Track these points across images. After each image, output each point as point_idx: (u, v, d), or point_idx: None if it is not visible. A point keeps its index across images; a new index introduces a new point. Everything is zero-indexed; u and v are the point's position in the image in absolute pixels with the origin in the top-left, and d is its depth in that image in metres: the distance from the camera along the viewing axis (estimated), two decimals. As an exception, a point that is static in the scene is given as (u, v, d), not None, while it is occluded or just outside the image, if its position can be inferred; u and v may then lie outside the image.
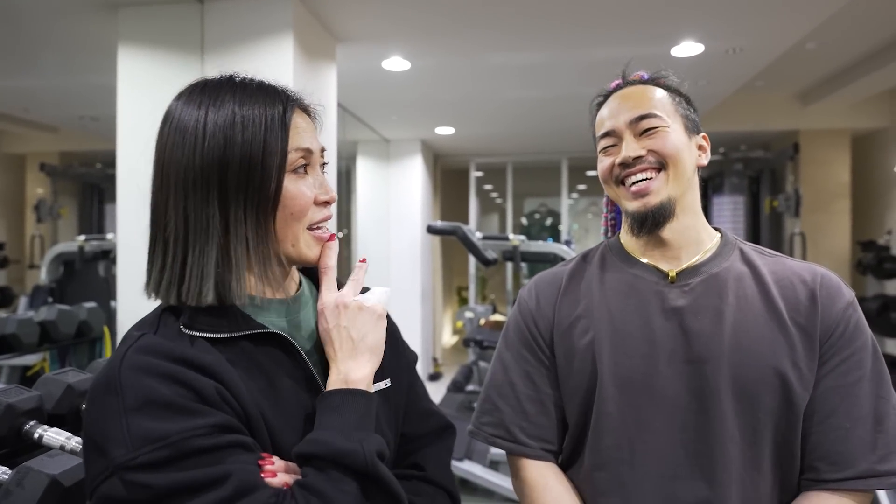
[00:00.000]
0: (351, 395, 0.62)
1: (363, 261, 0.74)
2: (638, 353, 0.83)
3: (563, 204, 7.04)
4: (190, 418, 0.56)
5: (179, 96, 0.68)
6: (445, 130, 5.42)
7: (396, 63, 3.38)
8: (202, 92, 0.66)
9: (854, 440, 0.77)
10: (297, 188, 0.65)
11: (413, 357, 0.83)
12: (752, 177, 6.15)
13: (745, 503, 0.78)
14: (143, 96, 2.50)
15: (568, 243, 6.42)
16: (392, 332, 0.79)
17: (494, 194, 9.38)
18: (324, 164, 0.72)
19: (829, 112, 5.08)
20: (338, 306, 0.66)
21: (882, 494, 2.30)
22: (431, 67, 3.55)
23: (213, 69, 2.64)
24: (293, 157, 0.65)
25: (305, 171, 0.67)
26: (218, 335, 0.63)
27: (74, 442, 1.01)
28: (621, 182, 0.87)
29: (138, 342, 0.61)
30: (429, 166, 6.33)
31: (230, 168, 0.62)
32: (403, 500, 0.60)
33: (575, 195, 9.38)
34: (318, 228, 0.69)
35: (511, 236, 3.92)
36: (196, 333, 0.63)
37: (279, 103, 0.66)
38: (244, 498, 0.54)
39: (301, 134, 0.67)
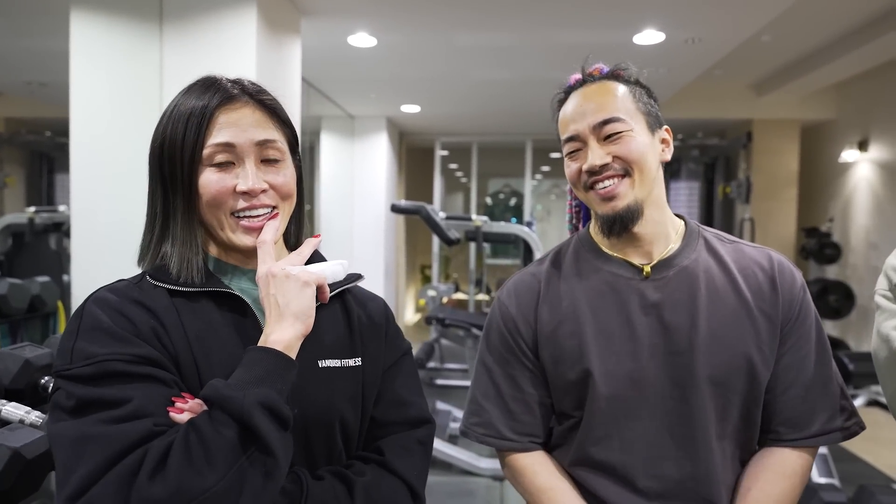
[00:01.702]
0: (263, 353, 0.65)
1: (317, 236, 0.78)
2: (624, 349, 0.88)
3: (527, 185, 7.13)
4: (120, 345, 0.64)
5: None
6: (411, 108, 5.40)
7: (363, 39, 3.34)
8: (180, 91, 0.75)
9: (808, 405, 0.89)
10: (206, 179, 0.71)
11: (404, 347, 0.84)
12: (708, 163, 6.36)
13: (720, 469, 0.88)
14: (97, 64, 2.41)
15: (529, 224, 6.53)
16: (382, 317, 0.83)
17: (459, 173, 9.41)
18: (274, 160, 0.74)
19: (781, 103, 5.28)
20: (267, 276, 0.69)
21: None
22: (398, 45, 3.52)
23: (172, 39, 2.55)
24: (207, 151, 0.70)
25: (231, 165, 0.72)
26: (178, 287, 0.71)
27: (34, 416, 1.01)
28: (590, 187, 0.90)
29: (110, 284, 0.73)
30: (394, 144, 6.30)
31: (164, 162, 0.72)
32: (277, 455, 0.60)
33: (539, 176, 9.49)
34: (247, 217, 0.73)
35: (474, 217, 3.97)
36: (159, 284, 0.72)
37: (205, 99, 0.71)
38: (134, 420, 0.60)
39: (224, 129, 0.71)
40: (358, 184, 5.81)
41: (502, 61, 3.90)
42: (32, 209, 4.06)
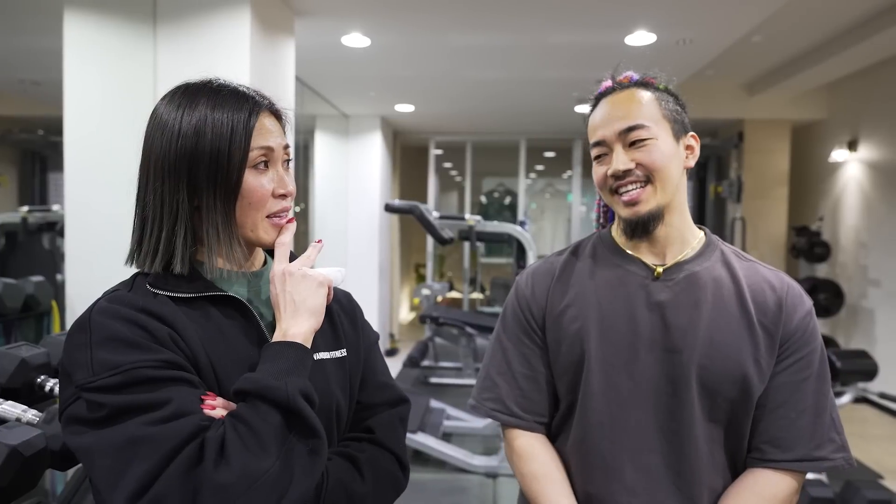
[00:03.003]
0: (286, 346, 0.70)
1: (319, 241, 0.82)
2: (623, 341, 0.92)
3: (521, 184, 7.15)
4: (142, 353, 0.66)
5: (164, 97, 0.77)
6: (405, 108, 5.41)
7: (356, 39, 3.35)
8: (182, 94, 0.76)
9: (796, 429, 0.89)
10: (256, 181, 0.75)
11: (374, 336, 0.92)
12: (700, 163, 6.40)
13: (707, 471, 0.90)
14: (91, 63, 2.41)
15: (522, 223, 6.55)
16: (353, 310, 0.90)
17: (454, 172, 9.42)
18: (287, 161, 0.80)
19: (772, 103, 5.32)
20: (284, 274, 0.74)
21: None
22: (392, 45, 3.53)
23: (166, 39, 2.56)
24: (254, 154, 0.74)
25: (266, 167, 0.76)
26: (179, 294, 0.74)
27: (31, 414, 1.03)
28: (615, 191, 0.93)
29: (110, 294, 0.74)
30: (388, 143, 6.31)
31: (200, 162, 0.73)
32: (321, 435, 0.67)
33: (533, 175, 9.52)
34: (277, 217, 0.78)
35: (467, 216, 3.99)
36: (160, 292, 0.73)
37: (246, 108, 0.75)
38: (181, 419, 0.63)
39: (263, 134, 0.76)
40: (352, 183, 5.81)
41: (495, 61, 3.92)
42: (26, 208, 4.05)
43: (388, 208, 4.01)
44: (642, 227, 0.93)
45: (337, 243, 5.67)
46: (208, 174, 0.72)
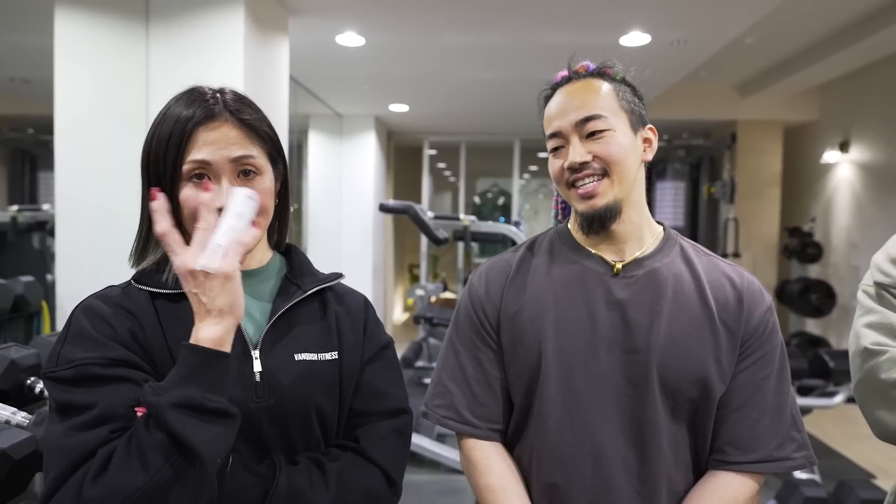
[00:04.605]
0: (188, 351, 0.66)
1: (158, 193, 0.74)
2: (581, 340, 0.88)
3: (515, 184, 7.16)
4: (96, 349, 0.69)
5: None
6: (400, 108, 5.40)
7: (351, 38, 3.34)
8: (173, 98, 0.78)
9: (758, 429, 0.87)
10: (185, 194, 0.74)
11: (384, 342, 0.87)
12: (693, 164, 6.43)
13: (670, 473, 0.87)
14: (82, 61, 2.38)
15: (517, 224, 6.56)
16: (360, 314, 0.87)
17: (448, 173, 9.42)
18: (248, 172, 0.75)
19: (765, 104, 5.35)
20: (185, 273, 0.67)
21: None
22: (386, 44, 3.52)
23: (159, 38, 2.54)
24: (187, 167, 0.73)
25: (210, 179, 0.73)
26: (159, 290, 0.76)
27: (20, 416, 1.01)
28: (571, 185, 0.90)
29: (100, 290, 0.77)
30: (382, 143, 6.30)
31: (150, 172, 0.76)
32: (199, 449, 0.62)
33: (527, 176, 9.53)
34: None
35: (462, 216, 3.99)
36: (142, 287, 0.76)
37: (186, 120, 0.74)
38: (96, 428, 0.65)
39: (203, 146, 0.73)
40: (346, 183, 5.79)
41: (490, 61, 3.91)
42: (15, 208, 4.01)
43: (383, 208, 4.00)
44: (599, 222, 0.89)
45: (330, 243, 5.65)
46: (157, 180, 0.74)
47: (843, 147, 5.08)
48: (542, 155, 8.48)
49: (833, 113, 5.31)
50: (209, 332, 0.66)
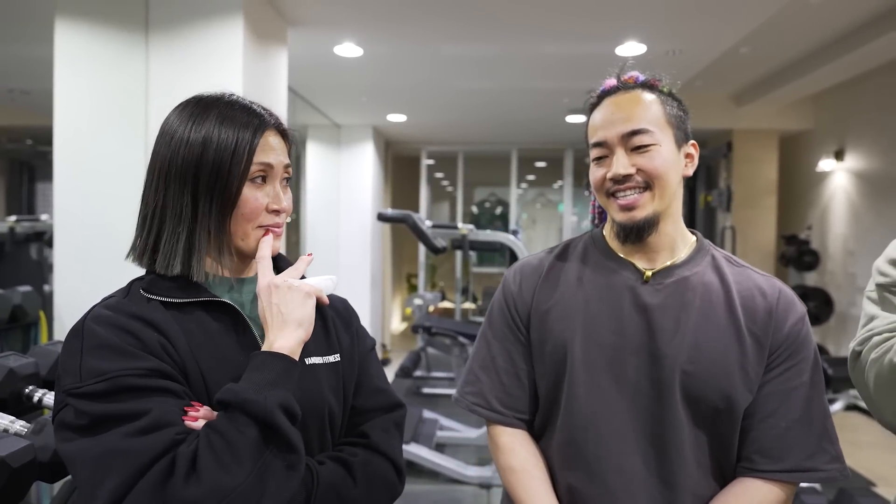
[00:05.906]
0: (272, 357, 0.70)
1: (310, 255, 0.84)
2: (608, 342, 0.90)
3: (513, 194, 7.18)
4: (129, 360, 0.67)
5: (178, 106, 0.81)
6: (397, 118, 5.42)
7: (349, 49, 3.36)
8: (196, 105, 0.79)
9: (787, 439, 0.87)
10: (251, 194, 0.77)
11: (370, 342, 0.94)
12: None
13: (692, 477, 0.88)
14: (82, 73, 2.40)
15: (515, 233, 6.57)
16: (348, 317, 0.92)
17: (445, 182, 9.44)
18: (286, 179, 0.82)
19: (760, 113, 5.39)
20: (269, 287, 0.74)
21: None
22: (384, 55, 3.55)
23: (158, 49, 2.56)
24: (254, 168, 0.77)
25: (264, 182, 0.79)
26: (171, 299, 0.75)
27: (19, 425, 1.01)
28: (611, 194, 0.91)
29: (105, 301, 0.76)
30: (380, 153, 6.32)
31: (203, 171, 0.76)
32: (299, 450, 0.67)
33: (524, 185, 9.56)
34: (268, 231, 0.80)
35: (460, 225, 4.00)
36: (153, 297, 0.75)
37: (253, 124, 0.78)
38: (156, 431, 0.64)
39: (266, 151, 0.78)
40: (344, 192, 5.81)
41: (487, 72, 3.94)
42: (13, 218, 4.01)
43: (381, 217, 4.01)
44: (636, 233, 0.91)
45: (328, 253, 5.65)
46: (208, 183, 0.75)
47: (839, 155, 5.12)
48: (539, 164, 8.51)
49: (828, 122, 5.35)
50: (286, 342, 0.71)
